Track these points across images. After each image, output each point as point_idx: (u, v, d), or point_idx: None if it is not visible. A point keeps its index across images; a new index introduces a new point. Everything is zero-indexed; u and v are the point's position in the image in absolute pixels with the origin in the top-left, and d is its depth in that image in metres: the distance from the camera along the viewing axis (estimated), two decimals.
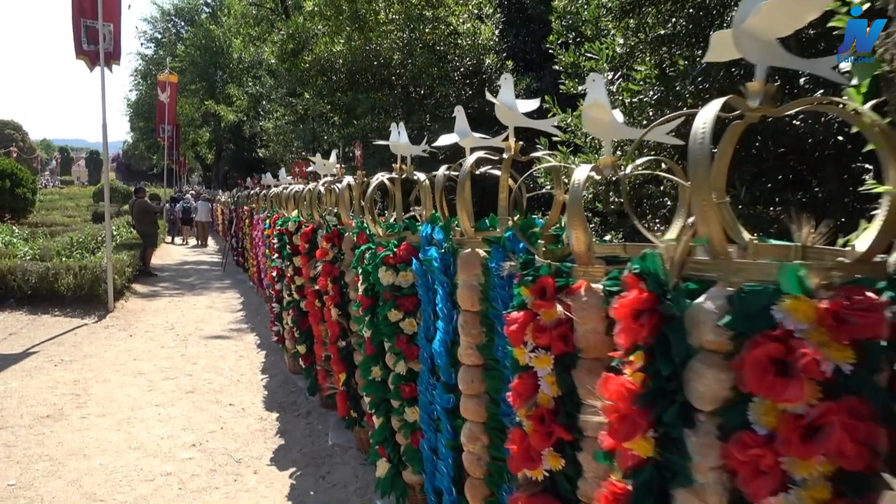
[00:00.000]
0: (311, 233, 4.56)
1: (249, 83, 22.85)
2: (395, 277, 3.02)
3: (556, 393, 1.76)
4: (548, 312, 1.75)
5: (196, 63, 31.95)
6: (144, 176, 54.28)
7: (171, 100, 21.47)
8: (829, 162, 3.90)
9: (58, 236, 13.18)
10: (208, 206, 21.78)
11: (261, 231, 8.93)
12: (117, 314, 8.86)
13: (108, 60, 8.85)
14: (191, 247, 21.03)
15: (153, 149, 41.97)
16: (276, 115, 17.10)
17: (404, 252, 3.01)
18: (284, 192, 6.91)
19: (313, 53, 12.42)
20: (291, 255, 5.02)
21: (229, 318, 9.04)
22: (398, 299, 3.02)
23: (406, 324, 3.02)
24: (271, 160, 19.32)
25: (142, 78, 38.99)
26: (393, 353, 3.08)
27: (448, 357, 2.36)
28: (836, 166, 3.88)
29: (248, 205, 11.51)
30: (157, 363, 6.36)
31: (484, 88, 12.06)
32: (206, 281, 12.86)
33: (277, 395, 5.45)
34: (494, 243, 2.18)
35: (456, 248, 2.32)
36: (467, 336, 2.26)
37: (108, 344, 7.12)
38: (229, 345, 7.29)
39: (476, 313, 2.26)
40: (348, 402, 4.07)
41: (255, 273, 10.21)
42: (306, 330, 5.03)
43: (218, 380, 5.86)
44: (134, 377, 5.85)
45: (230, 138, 34.76)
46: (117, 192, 28.47)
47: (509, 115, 2.35)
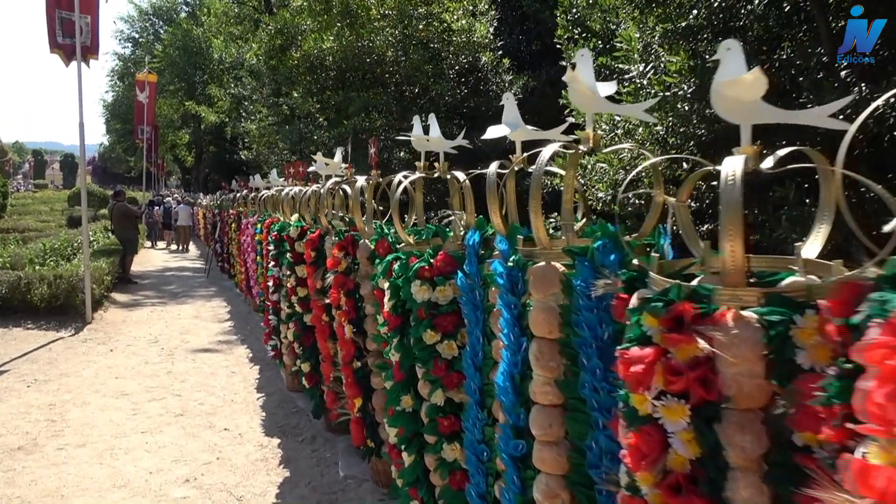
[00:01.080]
0: (317, 239, 4.10)
1: (231, 84, 22.27)
2: (431, 293, 2.58)
3: (695, 454, 1.34)
4: (684, 349, 1.33)
5: (175, 63, 31.22)
6: (122, 179, 53.08)
7: (149, 100, 20.78)
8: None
9: (31, 242, 12.51)
10: (189, 210, 21.12)
11: (250, 236, 8.43)
12: (96, 326, 8.29)
13: (85, 55, 8.29)
14: (172, 252, 20.35)
15: (130, 151, 41.03)
16: (259, 116, 16.56)
17: (442, 263, 2.58)
18: (279, 194, 6.44)
19: (301, 50, 11.92)
20: (293, 263, 4.55)
21: (217, 328, 8.52)
22: (435, 318, 2.59)
23: (444, 347, 2.58)
24: (254, 162, 18.77)
25: (118, 79, 38.09)
26: (428, 380, 2.64)
27: (516, 394, 1.93)
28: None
29: (234, 208, 10.97)
30: (141, 382, 5.84)
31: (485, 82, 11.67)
32: (189, 288, 12.28)
33: (277, 416, 4.97)
34: (579, 256, 1.76)
35: (526, 261, 1.89)
36: (543, 369, 1.83)
37: (87, 360, 6.57)
38: (219, 359, 6.78)
39: (554, 341, 1.83)
40: (364, 429, 3.61)
41: (244, 280, 9.69)
42: (310, 346, 4.56)
43: (210, 400, 5.36)
44: (116, 398, 5.33)
45: (211, 140, 34.03)
46: (94, 196, 27.54)
47: (589, 99, 1.92)
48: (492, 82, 11.68)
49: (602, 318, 1.74)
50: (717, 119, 4.59)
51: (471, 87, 11.70)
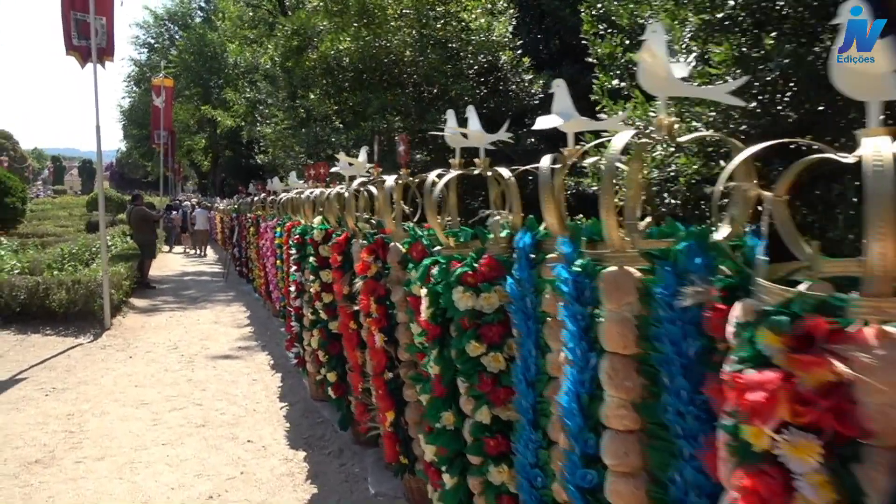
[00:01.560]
0: (344, 243, 3.90)
1: (246, 88, 22.23)
2: (475, 300, 2.37)
3: (829, 501, 1.11)
4: (815, 373, 1.11)
5: (190, 68, 31.33)
6: (139, 184, 53.51)
7: (166, 104, 20.77)
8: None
9: (49, 247, 12.47)
10: (207, 214, 21.09)
11: (270, 240, 8.27)
12: (115, 332, 8.17)
13: (100, 57, 8.18)
14: (189, 256, 20.32)
15: (148, 156, 41.27)
16: (275, 120, 16.47)
17: (487, 268, 2.36)
18: (299, 197, 6.26)
19: (318, 51, 11.79)
20: (317, 268, 4.35)
21: (236, 334, 8.36)
22: (480, 328, 2.37)
23: (490, 359, 2.37)
24: (270, 166, 18.69)
25: (135, 84, 38.30)
26: (472, 396, 2.42)
27: (583, 417, 1.71)
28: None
29: (252, 212, 10.83)
30: (161, 390, 5.68)
31: (500, 83, 11.46)
32: (208, 293, 12.17)
33: (301, 427, 4.78)
34: (660, 259, 1.54)
35: (595, 265, 1.67)
36: (617, 389, 1.61)
37: (106, 367, 6.43)
38: (240, 366, 6.62)
39: (630, 358, 1.61)
40: (397, 445, 3.41)
41: (263, 285, 9.54)
42: (337, 355, 4.36)
43: (231, 409, 5.18)
44: (136, 408, 5.17)
45: (227, 144, 34.14)
46: (111, 201, 27.66)
47: (662, 81, 1.70)
48: (511, 82, 11.46)
49: (687, 332, 1.51)
50: (760, 114, 4.35)
51: (490, 88, 11.50)
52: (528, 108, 11.48)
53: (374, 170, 3.96)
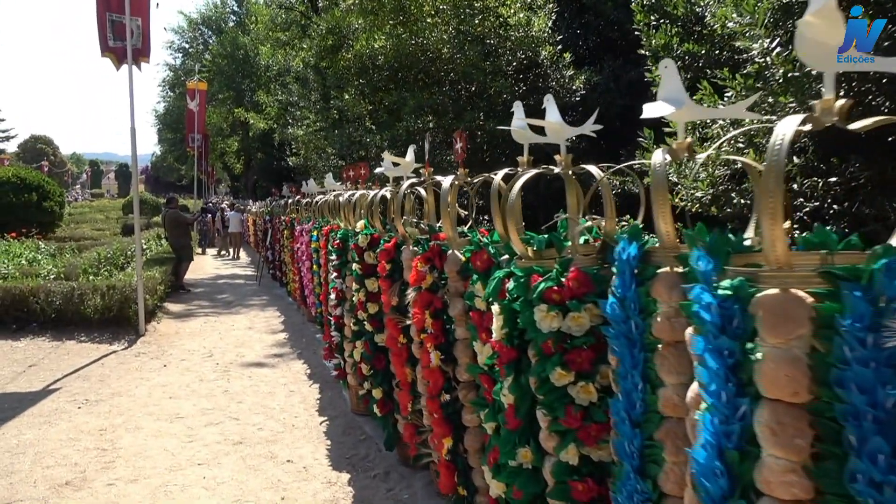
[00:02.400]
0: (393, 250, 3.57)
1: (278, 91, 22.20)
2: (561, 321, 2.01)
3: None
4: None
5: (223, 72, 31.55)
6: (173, 187, 54.19)
7: (200, 108, 20.80)
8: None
9: (86, 251, 12.44)
10: (240, 217, 21.06)
11: (305, 244, 8.03)
12: (149, 338, 7.99)
13: (136, 58, 8.01)
14: (223, 259, 20.31)
15: (182, 160, 41.80)
16: (307, 122, 16.33)
17: (575, 283, 2.01)
18: (338, 199, 5.97)
19: (353, 50, 11.54)
20: (362, 276, 4.04)
21: (271, 340, 8.12)
22: (567, 353, 2.02)
23: (579, 390, 2.01)
24: (302, 168, 18.60)
25: (169, 88, 38.76)
26: (555, 431, 2.07)
27: (730, 479, 1.34)
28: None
29: (287, 215, 10.62)
30: (196, 402, 5.43)
31: (539, 81, 11.10)
32: (242, 297, 12.00)
33: (343, 446, 4.47)
34: (847, 281, 1.17)
35: (749, 287, 1.30)
36: (784, 449, 1.24)
37: (140, 377, 6.22)
38: (276, 376, 6.35)
39: (801, 408, 1.24)
40: (455, 474, 3.07)
41: (297, 289, 9.31)
42: (383, 369, 4.04)
43: (269, 424, 4.90)
44: (170, 423, 4.92)
45: (259, 147, 34.34)
46: (146, 204, 27.97)
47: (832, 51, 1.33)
48: (551, 78, 11.08)
49: (885, 377, 1.14)
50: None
51: (529, 85, 11.13)
52: (569, 105, 11.08)
53: (425, 170, 3.63)
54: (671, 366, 1.69)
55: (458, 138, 3.18)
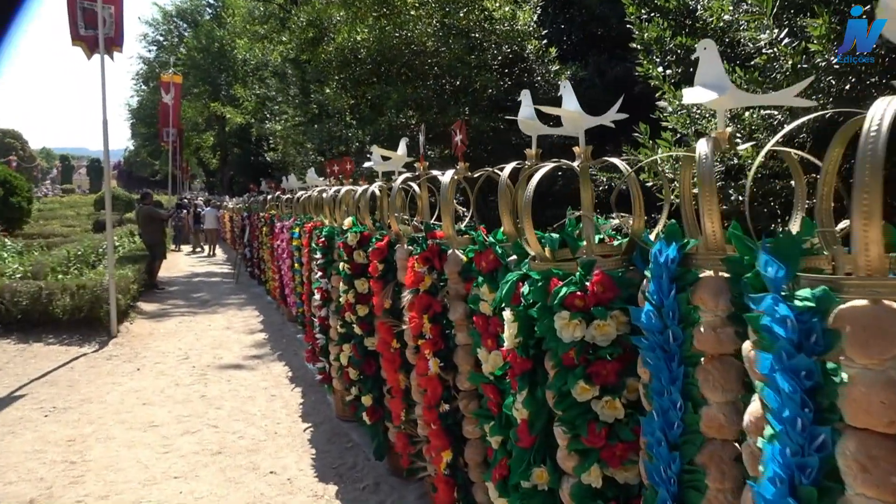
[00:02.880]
0: (386, 248, 3.35)
1: (255, 85, 21.77)
2: (584, 330, 1.82)
3: None
4: None
5: (198, 65, 30.92)
6: (147, 183, 53.04)
7: (174, 101, 20.29)
8: None
9: (55, 248, 11.99)
10: (216, 213, 20.61)
11: (285, 241, 7.76)
12: (121, 340, 7.66)
13: (108, 47, 7.66)
14: (198, 256, 19.85)
15: (155, 155, 41.01)
16: (285, 117, 16.00)
17: (600, 288, 1.81)
18: (321, 195, 5.73)
19: (335, 42, 11.27)
20: (351, 276, 3.81)
21: (250, 341, 7.84)
22: (591, 365, 1.82)
23: (604, 406, 1.82)
24: (280, 164, 18.27)
25: (143, 82, 37.95)
26: (576, 451, 1.87)
27: None
28: None
29: (266, 211, 10.32)
30: (171, 409, 5.15)
31: (524, 76, 10.94)
32: (218, 296, 11.67)
33: (330, 454, 4.24)
34: None
35: (834, 298, 1.12)
36: (879, 488, 1.05)
37: (112, 382, 5.91)
38: (256, 379, 6.09)
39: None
40: (454, 490, 2.86)
41: (277, 288, 9.02)
42: (373, 375, 3.82)
43: (250, 432, 4.65)
44: (144, 431, 4.64)
45: (235, 142, 33.76)
46: (119, 200, 27.27)
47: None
48: (537, 73, 10.93)
49: None
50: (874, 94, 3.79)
51: (514, 79, 10.97)
52: (555, 101, 10.90)
53: (420, 164, 3.41)
54: (716, 381, 1.50)
55: (458, 129, 2.97)
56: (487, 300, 2.44)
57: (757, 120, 4.24)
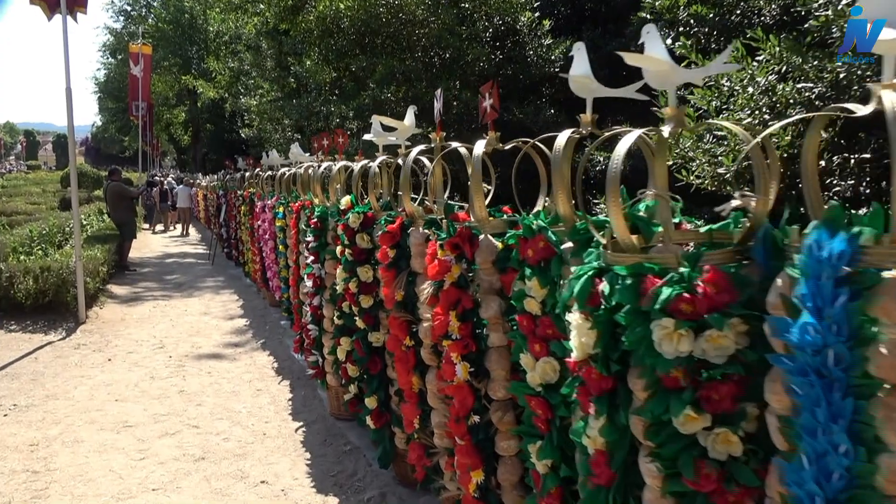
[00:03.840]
0: (399, 232, 2.91)
1: (229, 59, 20.91)
2: (693, 342, 1.41)
3: None
4: None
5: (168, 38, 29.76)
6: (116, 160, 51.33)
7: (144, 73, 19.35)
8: None
9: (18, 227, 11.29)
10: (189, 192, 19.84)
11: (268, 221, 7.26)
12: (90, 327, 7.12)
13: (70, 7, 7.00)
14: (171, 236, 19.12)
15: (125, 131, 39.62)
16: (261, 92, 15.32)
17: (713, 289, 1.40)
18: (311, 172, 5.25)
19: (316, 11, 10.65)
20: (354, 262, 3.37)
21: (230, 327, 7.36)
22: (701, 388, 1.42)
23: (716, 439, 1.42)
24: (255, 140, 17.62)
25: (110, 54, 36.50)
26: (674, 494, 1.48)
27: None
28: None
29: (245, 189, 9.75)
30: (147, 406, 4.68)
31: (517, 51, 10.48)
32: (194, 278, 11.10)
33: (326, 459, 3.83)
34: None
35: None
36: None
37: (80, 375, 5.40)
38: (239, 371, 5.63)
39: None
40: None
41: (258, 271, 8.51)
42: (378, 374, 3.40)
43: (236, 433, 4.21)
44: (117, 433, 4.17)
45: (208, 118, 32.73)
46: (86, 177, 26.20)
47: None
48: (529, 47, 10.47)
49: None
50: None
51: (506, 53, 10.50)
52: (547, 77, 10.52)
53: (436, 135, 2.97)
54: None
55: (488, 93, 2.53)
56: (536, 296, 2.03)
57: (793, 94, 3.87)
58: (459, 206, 2.88)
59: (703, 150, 4.28)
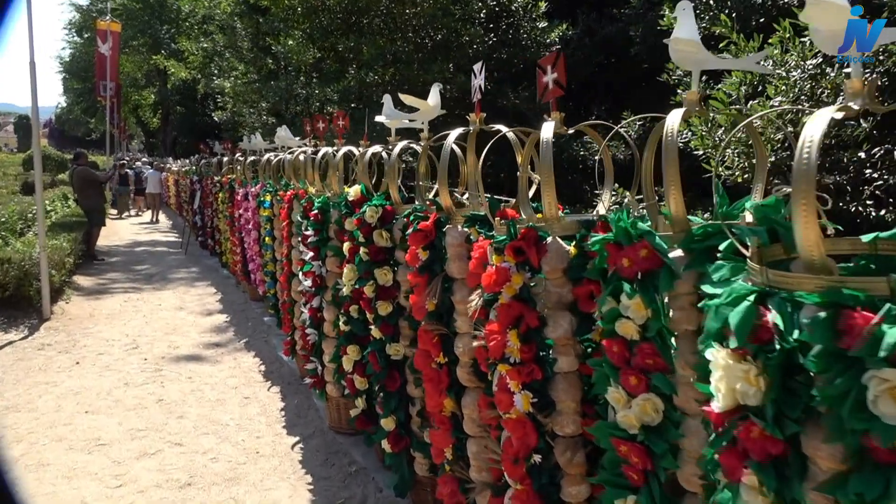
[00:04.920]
0: (433, 230, 2.46)
1: (201, 39, 20.06)
2: None
3: None
4: None
5: (136, 16, 28.62)
6: (80, 142, 49.57)
7: (112, 52, 18.39)
8: None
9: None
10: (159, 177, 19.04)
11: (251, 210, 6.74)
12: (56, 324, 6.54)
13: None
14: (140, 223, 18.32)
15: (90, 112, 38.22)
16: (235, 73, 14.63)
17: None
18: (306, 157, 4.77)
19: None
20: (370, 263, 2.91)
21: (209, 324, 6.83)
22: None
23: None
24: (229, 124, 16.93)
25: (76, 33, 35.04)
26: None
27: None
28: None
29: (223, 175, 9.17)
30: (122, 419, 4.17)
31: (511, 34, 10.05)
32: (166, 268, 10.49)
33: (331, 483, 3.38)
34: None
35: None
36: None
37: (45, 381, 4.86)
38: (222, 375, 5.13)
39: None
40: None
41: (237, 262, 7.97)
42: (397, 391, 2.96)
43: (225, 451, 3.73)
44: (89, 453, 3.66)
45: (179, 100, 31.68)
46: (50, 160, 25.13)
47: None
48: (523, 30, 10.06)
49: None
50: None
51: (500, 36, 10.06)
52: None
53: (475, 116, 2.52)
54: None
55: (552, 64, 2.09)
56: (635, 318, 1.62)
57: (843, 80, 3.50)
58: (504, 201, 2.45)
59: (735, 139, 3.91)
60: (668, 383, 1.59)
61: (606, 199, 2.21)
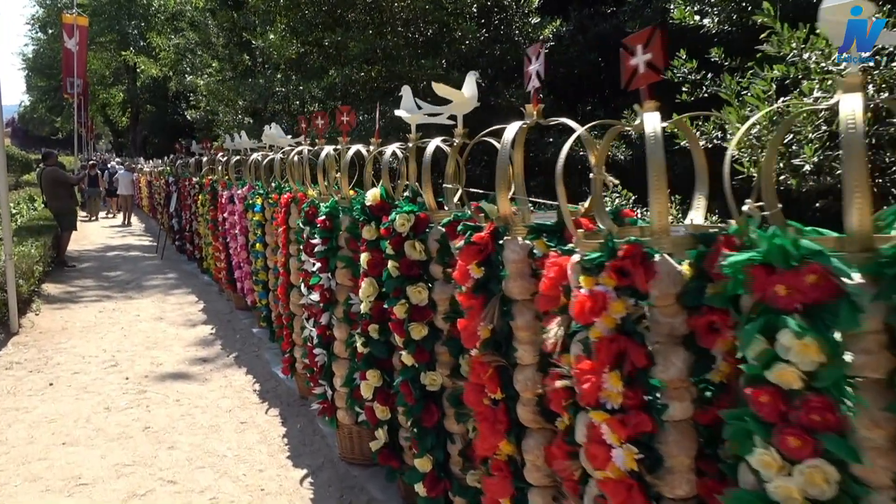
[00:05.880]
0: (490, 242, 2.08)
1: (172, 36, 19.39)
2: None
3: None
4: None
5: (104, 11, 27.71)
6: (46, 142, 48.03)
7: (80, 48, 17.60)
8: None
9: None
10: (131, 177, 18.31)
11: (237, 214, 6.29)
12: (25, 339, 6.00)
13: None
14: (112, 226, 17.59)
15: (56, 111, 37.00)
16: (209, 70, 14.07)
17: None
18: (296, 157, 4.36)
19: None
20: (402, 279, 2.52)
21: (193, 337, 6.35)
22: None
23: None
24: (202, 123, 16.36)
25: (40, 28, 33.89)
26: None
27: None
28: None
29: (204, 176, 8.66)
30: (105, 452, 3.71)
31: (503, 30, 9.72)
32: (142, 275, 9.93)
33: None
34: None
35: None
36: None
37: (15, 407, 4.36)
38: (213, 396, 4.69)
39: None
40: None
41: (221, 269, 7.49)
42: (434, 427, 2.56)
43: (225, 490, 3.30)
44: (68, 495, 3.20)
45: (149, 98, 30.82)
46: (14, 160, 24.13)
47: None
48: (516, 26, 9.74)
49: None
50: None
51: (493, 32, 9.72)
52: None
53: (533, 107, 2.15)
54: None
55: (648, 40, 1.72)
56: (800, 363, 1.26)
57: None
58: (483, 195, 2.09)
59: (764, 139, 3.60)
60: (849, 448, 1.24)
61: (702, 206, 1.86)
